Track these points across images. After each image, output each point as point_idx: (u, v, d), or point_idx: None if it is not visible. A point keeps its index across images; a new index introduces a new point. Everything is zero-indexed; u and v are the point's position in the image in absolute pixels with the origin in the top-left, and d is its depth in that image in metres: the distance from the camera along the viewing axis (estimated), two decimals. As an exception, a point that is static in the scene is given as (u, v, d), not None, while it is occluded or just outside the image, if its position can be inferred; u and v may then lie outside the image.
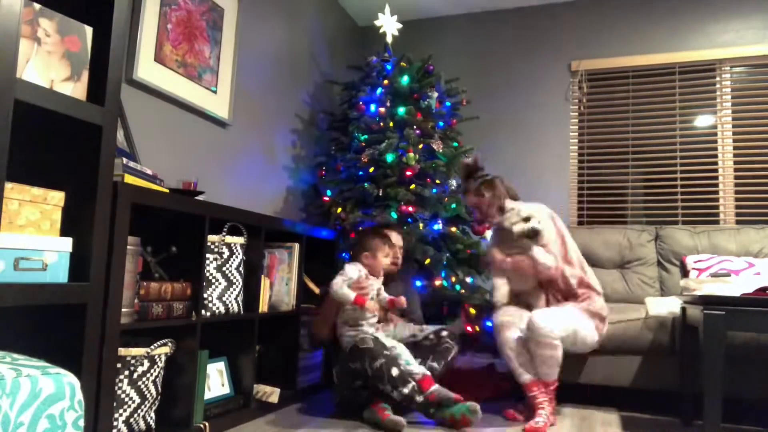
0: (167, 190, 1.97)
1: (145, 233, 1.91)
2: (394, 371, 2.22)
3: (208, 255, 2.15)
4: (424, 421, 2.30)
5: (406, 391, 2.21)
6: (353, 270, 2.49)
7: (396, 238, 2.75)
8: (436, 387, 2.23)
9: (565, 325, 2.37)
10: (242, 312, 2.32)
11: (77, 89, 1.49)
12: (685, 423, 2.46)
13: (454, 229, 3.14)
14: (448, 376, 2.57)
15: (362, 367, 2.28)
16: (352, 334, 2.41)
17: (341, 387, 2.45)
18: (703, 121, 3.63)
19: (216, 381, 2.28)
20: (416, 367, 2.29)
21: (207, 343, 2.23)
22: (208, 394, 2.19)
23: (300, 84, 3.64)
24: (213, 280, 2.18)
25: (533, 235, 2.44)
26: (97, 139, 1.49)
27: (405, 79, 3.28)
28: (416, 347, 2.52)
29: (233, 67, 2.90)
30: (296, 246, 2.70)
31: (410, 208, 3.01)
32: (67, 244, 1.44)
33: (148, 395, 1.83)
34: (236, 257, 2.29)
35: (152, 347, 1.81)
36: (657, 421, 2.51)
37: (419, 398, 2.21)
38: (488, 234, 3.21)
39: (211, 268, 2.17)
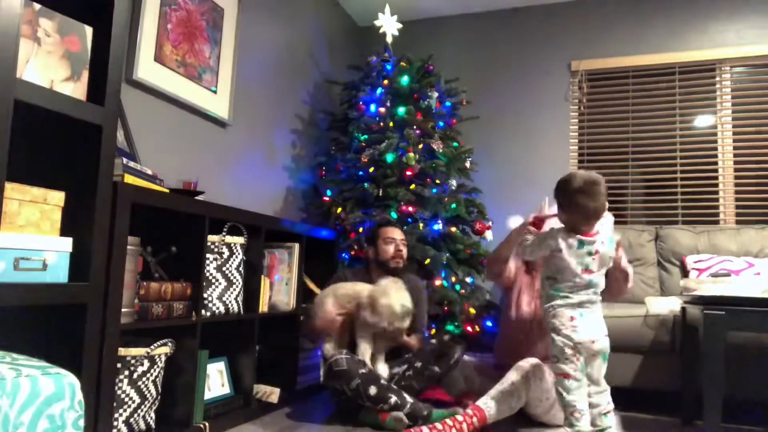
0: (167, 190, 1.97)
1: (145, 233, 1.91)
2: (372, 390, 2.21)
3: (208, 255, 2.15)
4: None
5: (386, 407, 2.21)
6: None
7: (392, 231, 2.68)
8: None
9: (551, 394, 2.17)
10: (242, 312, 2.32)
11: (77, 89, 1.49)
12: (686, 423, 2.46)
13: (454, 229, 3.14)
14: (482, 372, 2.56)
15: (341, 387, 2.28)
16: (332, 353, 2.35)
17: (333, 396, 2.44)
18: (703, 121, 3.62)
19: (216, 381, 2.28)
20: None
21: (207, 343, 2.23)
22: (208, 394, 2.19)
23: (300, 84, 3.63)
24: (213, 280, 2.18)
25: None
26: (97, 139, 1.50)
27: (405, 79, 3.28)
28: (419, 352, 2.49)
29: (233, 67, 2.90)
30: (296, 246, 2.70)
31: (410, 208, 3.00)
32: (67, 244, 1.44)
33: (148, 395, 1.83)
34: (236, 257, 2.29)
35: (152, 347, 1.81)
36: (657, 421, 2.51)
37: (401, 412, 2.19)
38: (488, 234, 3.22)
39: (211, 268, 2.17)
